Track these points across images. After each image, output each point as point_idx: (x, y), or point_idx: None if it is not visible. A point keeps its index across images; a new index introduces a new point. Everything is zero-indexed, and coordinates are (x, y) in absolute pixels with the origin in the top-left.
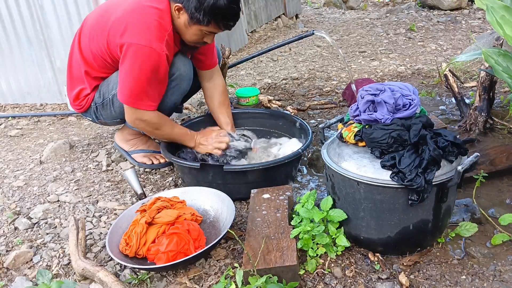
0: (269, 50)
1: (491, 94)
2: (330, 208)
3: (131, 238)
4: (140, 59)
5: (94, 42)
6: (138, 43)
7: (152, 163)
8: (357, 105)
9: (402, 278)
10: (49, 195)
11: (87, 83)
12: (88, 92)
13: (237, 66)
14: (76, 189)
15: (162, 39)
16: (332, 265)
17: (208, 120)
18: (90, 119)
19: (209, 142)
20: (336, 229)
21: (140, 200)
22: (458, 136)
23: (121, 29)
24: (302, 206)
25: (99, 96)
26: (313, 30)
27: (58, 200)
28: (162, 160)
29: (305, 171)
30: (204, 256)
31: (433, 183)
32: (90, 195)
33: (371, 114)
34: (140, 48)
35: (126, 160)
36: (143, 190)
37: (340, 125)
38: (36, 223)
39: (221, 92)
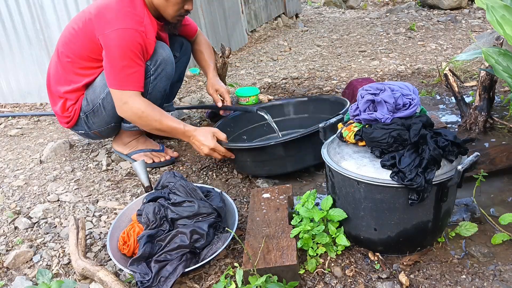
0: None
1: (491, 93)
2: (330, 208)
3: (129, 237)
4: (116, 42)
5: (74, 39)
6: (111, 30)
7: (153, 161)
8: (357, 105)
9: (402, 277)
10: (49, 195)
11: (65, 83)
12: (72, 103)
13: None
14: (76, 188)
15: (136, 21)
16: (332, 264)
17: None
18: (83, 132)
19: (207, 140)
20: (336, 228)
21: (146, 192)
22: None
23: (95, 26)
24: (302, 206)
25: (87, 104)
26: (256, 108)
27: (58, 200)
28: (162, 159)
29: None
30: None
31: (433, 183)
32: (90, 195)
33: (371, 114)
34: (113, 33)
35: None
36: (150, 183)
37: (340, 125)
38: (36, 222)
39: (207, 45)
